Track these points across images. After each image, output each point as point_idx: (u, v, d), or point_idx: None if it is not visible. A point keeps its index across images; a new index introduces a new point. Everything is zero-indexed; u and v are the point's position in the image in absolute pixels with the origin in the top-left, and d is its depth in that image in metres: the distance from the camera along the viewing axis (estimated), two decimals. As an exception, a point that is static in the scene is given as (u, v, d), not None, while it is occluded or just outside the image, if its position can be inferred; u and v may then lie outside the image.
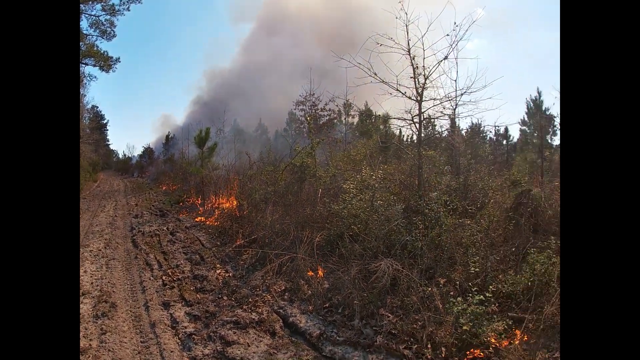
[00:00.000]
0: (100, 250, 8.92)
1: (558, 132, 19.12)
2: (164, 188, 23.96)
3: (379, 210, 6.87)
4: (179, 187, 20.62)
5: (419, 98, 7.45)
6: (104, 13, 22.11)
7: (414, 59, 7.34)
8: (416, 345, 4.54)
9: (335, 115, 18.83)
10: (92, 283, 6.80)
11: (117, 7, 22.08)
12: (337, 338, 4.86)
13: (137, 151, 48.28)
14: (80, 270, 7.42)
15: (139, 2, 22.35)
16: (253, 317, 5.44)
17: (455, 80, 7.65)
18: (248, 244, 8.61)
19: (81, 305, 5.85)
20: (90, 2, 21.31)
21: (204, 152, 15.19)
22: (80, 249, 8.89)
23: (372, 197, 7.19)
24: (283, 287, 6.43)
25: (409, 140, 15.10)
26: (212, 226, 11.48)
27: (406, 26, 7.19)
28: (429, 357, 4.34)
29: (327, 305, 5.72)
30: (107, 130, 54.48)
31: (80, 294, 6.25)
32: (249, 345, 4.78)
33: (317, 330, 5.06)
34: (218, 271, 7.48)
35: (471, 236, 6.12)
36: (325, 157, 12.32)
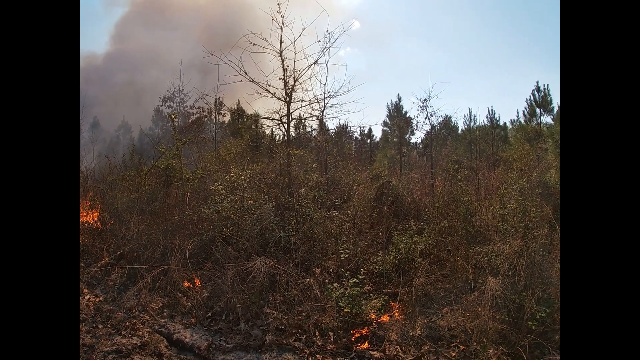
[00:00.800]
0: None
1: (416, 131, 21.35)
2: None
3: (250, 210, 6.73)
4: None
5: (287, 99, 7.57)
6: None
7: (284, 61, 7.46)
8: (305, 336, 4.65)
9: (205, 114, 18.01)
10: None
11: None
12: (227, 345, 4.69)
13: None
14: None
15: None
16: (134, 341, 4.86)
17: (324, 84, 7.98)
18: (115, 261, 7.66)
19: None
20: None
21: None
22: None
23: (241, 197, 7.02)
24: (160, 304, 5.85)
25: (280, 140, 15.29)
26: None
27: (280, 28, 7.29)
28: (319, 344, 4.48)
29: (209, 314, 5.43)
30: None
31: None
32: (134, 374, 4.26)
33: (205, 342, 4.81)
34: (87, 297, 6.51)
35: (339, 226, 6.48)
36: (192, 158, 11.73)
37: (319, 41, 7.49)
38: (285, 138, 8.37)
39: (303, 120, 9.63)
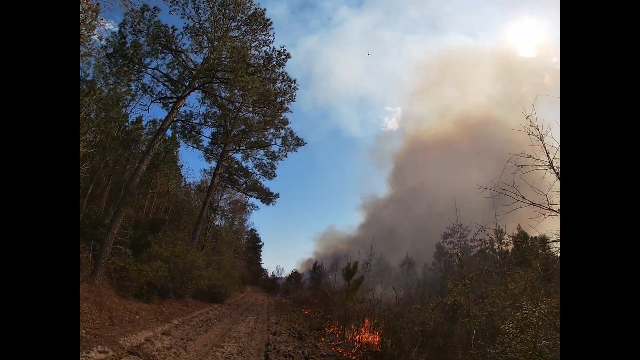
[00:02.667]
0: (232, 354, 9.06)
1: None
2: (306, 312, 24.10)
3: (543, 353, 5.54)
4: (321, 314, 20.42)
5: None
6: (266, 157, 27.71)
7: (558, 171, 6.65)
8: None
9: (487, 245, 17.30)
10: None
11: (276, 154, 27.49)
12: None
13: (285, 273, 51.02)
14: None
15: (294, 151, 27.08)
16: None
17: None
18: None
19: None
20: (256, 149, 27.14)
21: (351, 284, 15.22)
22: (215, 348, 9.27)
23: (534, 337, 5.89)
24: None
25: None
26: (350, 359, 10.72)
27: (541, 139, 6.73)
28: None
29: None
30: (261, 251, 61.66)
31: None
32: None
33: None
34: None
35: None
36: (479, 293, 11.06)
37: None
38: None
39: None
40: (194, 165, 75.97)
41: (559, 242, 6.95)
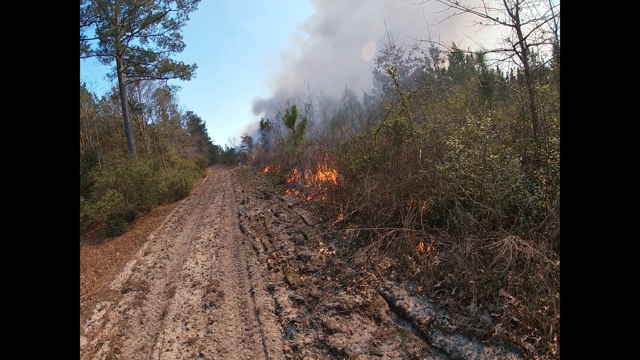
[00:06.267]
0: (210, 240, 9.48)
1: None
2: (265, 170, 24.97)
3: (493, 166, 5.61)
4: (280, 167, 21.10)
5: (515, 21, 5.98)
6: (166, 29, 23.58)
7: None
8: (540, 338, 3.55)
9: (423, 64, 17.13)
10: (202, 274, 7.18)
11: (176, 21, 23.42)
12: (450, 326, 4.09)
13: (238, 141, 51.43)
14: (192, 262, 7.93)
15: (195, 9, 23.23)
16: (357, 300, 4.99)
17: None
18: (350, 219, 8.19)
19: (191, 297, 6.09)
20: (151, 24, 22.86)
21: (295, 131, 15.12)
22: (193, 241, 9.53)
23: (483, 150, 5.87)
24: (389, 264, 5.78)
25: (509, 77, 12.99)
26: (314, 202, 11.33)
27: None
28: (554, 353, 3.37)
29: (438, 285, 4.90)
30: (206, 129, 60.79)
31: (192, 285, 6.56)
32: (351, 334, 4.37)
33: (427, 316, 4.36)
34: (321, 250, 7.24)
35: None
36: (420, 112, 11.19)
37: None
38: (524, 71, 6.70)
39: (536, 48, 7.59)
40: (94, 76, 65.13)
41: (498, 53, 6.66)
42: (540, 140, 5.62)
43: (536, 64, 9.14)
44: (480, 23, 6.14)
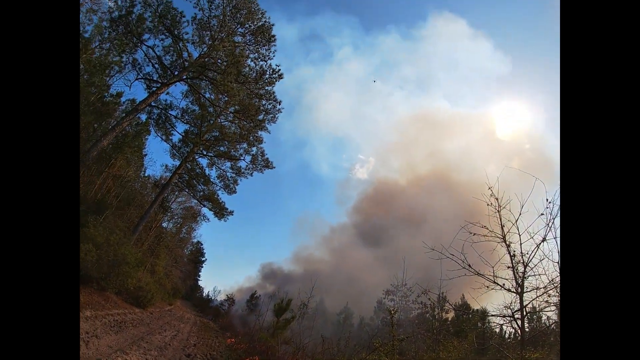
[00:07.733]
0: None
1: None
2: (228, 342, 22.76)
3: None
4: (244, 348, 19.33)
5: (519, 289, 6.42)
6: (231, 171, 26.69)
7: (509, 246, 6.63)
8: None
9: (427, 310, 17.15)
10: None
11: (242, 170, 26.55)
12: None
13: (221, 297, 48.91)
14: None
15: (261, 172, 26.41)
16: None
17: (558, 262, 6.58)
18: None
19: None
20: (223, 159, 26.13)
21: (280, 322, 14.47)
22: (117, 353, 8.35)
23: None
24: None
25: (511, 338, 12.65)
26: None
27: (498, 212, 6.75)
28: None
29: None
30: (202, 267, 58.06)
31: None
32: None
33: None
34: None
35: None
36: (409, 356, 10.75)
37: (542, 214, 6.36)
38: (519, 338, 6.76)
39: (538, 312, 7.76)
40: (157, 158, 74.04)
41: (498, 317, 6.88)
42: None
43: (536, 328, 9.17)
44: (487, 287, 6.73)
